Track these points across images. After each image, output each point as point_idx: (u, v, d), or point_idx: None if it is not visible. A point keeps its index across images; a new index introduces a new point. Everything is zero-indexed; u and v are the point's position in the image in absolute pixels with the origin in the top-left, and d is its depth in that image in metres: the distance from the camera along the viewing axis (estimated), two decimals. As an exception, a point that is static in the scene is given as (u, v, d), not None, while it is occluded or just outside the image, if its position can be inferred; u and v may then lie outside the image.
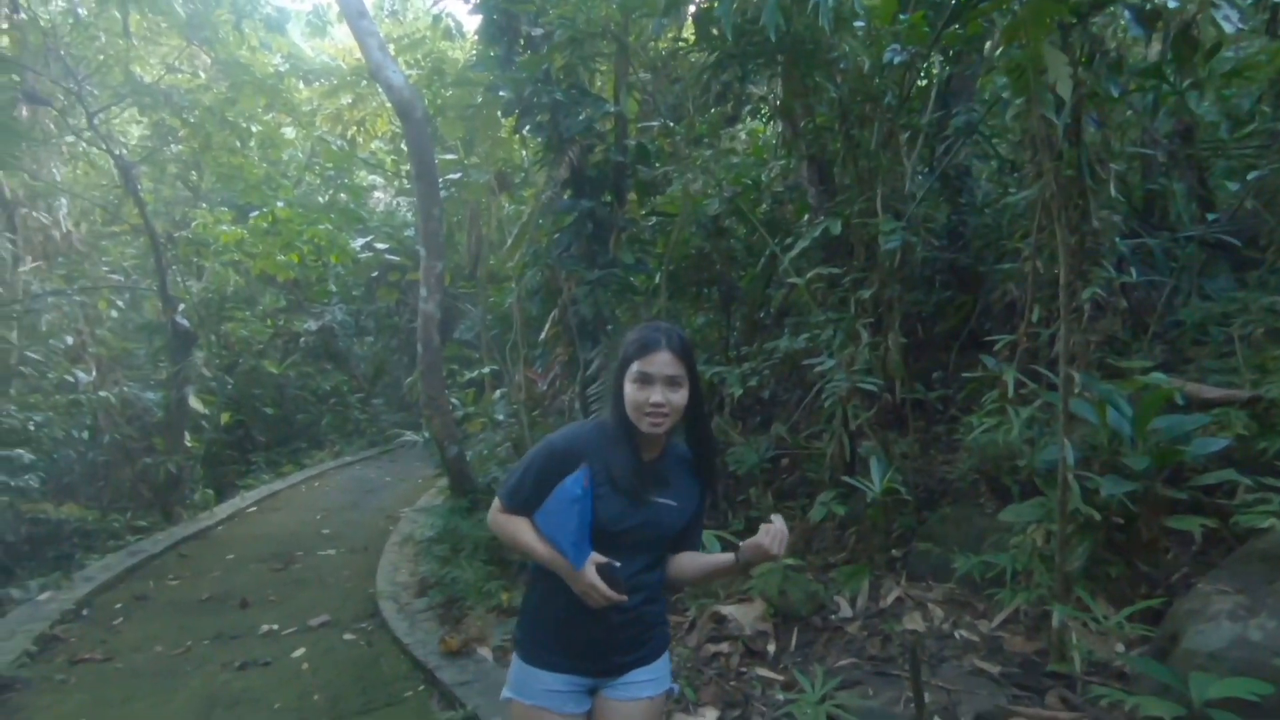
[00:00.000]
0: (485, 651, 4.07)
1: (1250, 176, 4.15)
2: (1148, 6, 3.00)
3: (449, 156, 9.03)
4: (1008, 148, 4.95)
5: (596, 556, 1.59)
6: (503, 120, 7.28)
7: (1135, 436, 2.87)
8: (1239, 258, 4.03)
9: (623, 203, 5.52)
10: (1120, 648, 2.79)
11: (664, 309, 5.33)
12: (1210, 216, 4.30)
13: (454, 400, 7.84)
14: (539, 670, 1.70)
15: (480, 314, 8.87)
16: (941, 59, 4.45)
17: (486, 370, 8.20)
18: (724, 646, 3.41)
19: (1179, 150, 4.36)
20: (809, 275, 4.30)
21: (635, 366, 1.62)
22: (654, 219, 6.00)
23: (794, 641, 3.42)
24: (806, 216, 5.01)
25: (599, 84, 6.37)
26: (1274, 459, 2.86)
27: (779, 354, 4.61)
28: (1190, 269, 3.97)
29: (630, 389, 1.62)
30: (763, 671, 3.24)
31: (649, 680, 1.74)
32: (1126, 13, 3.10)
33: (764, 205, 5.70)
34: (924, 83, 4.62)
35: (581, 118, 5.15)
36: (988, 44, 4.09)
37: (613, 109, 5.31)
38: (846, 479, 3.80)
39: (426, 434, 7.61)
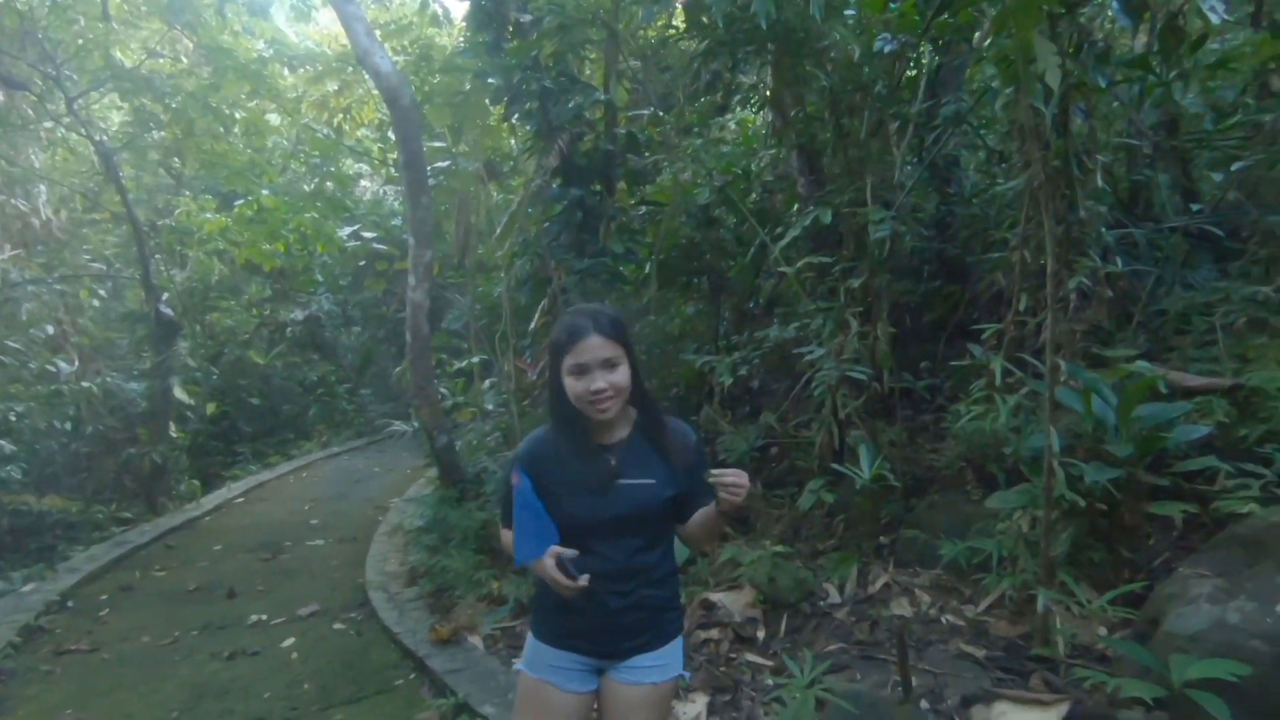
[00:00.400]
0: (475, 640, 4.07)
1: (1233, 168, 4.17)
2: (1135, -3, 3.02)
3: (437, 144, 8.93)
4: (996, 138, 4.96)
5: (555, 549, 1.58)
6: (491, 108, 7.23)
7: (1119, 424, 2.90)
8: (1222, 248, 4.07)
9: (612, 192, 5.50)
10: (1103, 631, 2.84)
11: (653, 298, 5.33)
12: (1194, 207, 4.34)
13: (443, 390, 7.78)
14: (546, 646, 1.74)
15: (469, 303, 8.81)
16: (931, 48, 4.45)
17: (475, 360, 8.15)
18: (714, 633, 3.44)
19: (1164, 142, 4.39)
20: (798, 265, 4.31)
21: (568, 360, 1.60)
22: (644, 208, 5.98)
23: (783, 627, 3.45)
24: (796, 206, 5.02)
25: (588, 72, 6.33)
26: (1254, 446, 2.90)
27: (768, 343, 4.62)
28: (1174, 259, 4.00)
29: (569, 382, 1.61)
30: (752, 657, 3.27)
31: (654, 666, 1.73)
32: (1114, 3, 3.11)
33: (754, 195, 5.69)
34: (914, 72, 4.62)
35: (571, 106, 5.12)
36: (977, 34, 4.10)
37: (602, 97, 5.28)
38: (835, 467, 3.82)
39: (415, 424, 7.57)
